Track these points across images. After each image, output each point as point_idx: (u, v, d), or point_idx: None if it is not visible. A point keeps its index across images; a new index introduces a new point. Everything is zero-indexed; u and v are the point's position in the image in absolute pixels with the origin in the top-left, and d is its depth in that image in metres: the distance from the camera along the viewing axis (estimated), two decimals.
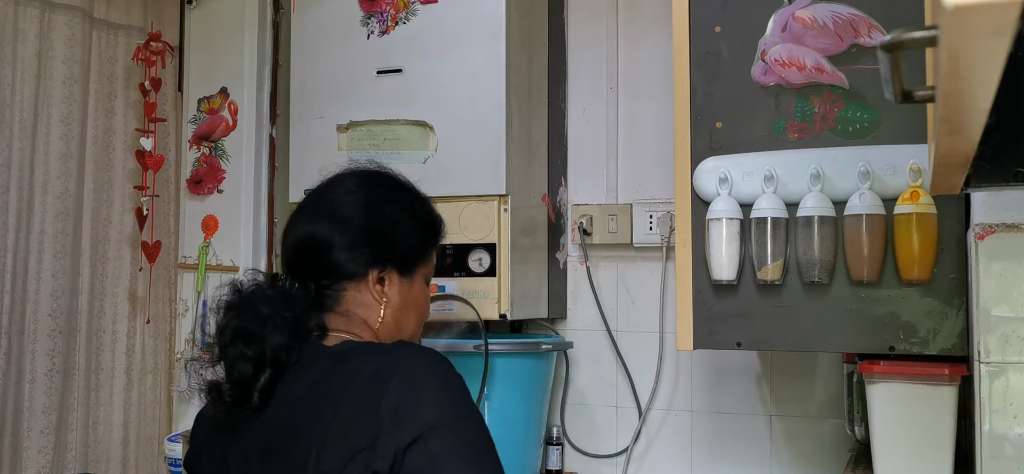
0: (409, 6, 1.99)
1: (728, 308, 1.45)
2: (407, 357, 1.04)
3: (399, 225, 1.24)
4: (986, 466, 1.08)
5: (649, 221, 2.07)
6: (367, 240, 1.20)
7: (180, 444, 2.14)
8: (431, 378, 1.01)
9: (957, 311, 1.32)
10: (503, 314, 1.88)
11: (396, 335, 1.22)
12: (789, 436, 1.94)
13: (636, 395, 2.08)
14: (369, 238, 1.20)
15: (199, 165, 2.36)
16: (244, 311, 1.11)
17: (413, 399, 0.97)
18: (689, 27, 1.50)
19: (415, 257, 1.25)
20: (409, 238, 1.25)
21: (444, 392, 1.00)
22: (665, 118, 1.97)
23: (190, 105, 2.39)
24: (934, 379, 1.31)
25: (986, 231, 1.09)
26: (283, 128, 2.34)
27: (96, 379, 2.22)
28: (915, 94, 0.65)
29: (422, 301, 1.28)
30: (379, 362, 1.02)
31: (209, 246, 2.34)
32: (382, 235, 1.22)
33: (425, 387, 1.00)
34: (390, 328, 1.21)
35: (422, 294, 1.27)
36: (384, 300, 1.20)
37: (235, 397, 1.08)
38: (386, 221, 1.23)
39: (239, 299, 1.14)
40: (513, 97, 1.93)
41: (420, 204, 1.29)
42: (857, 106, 1.40)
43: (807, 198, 1.38)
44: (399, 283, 1.22)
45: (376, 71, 2.01)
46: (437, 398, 0.99)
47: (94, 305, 2.21)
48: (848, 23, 1.40)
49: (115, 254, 2.27)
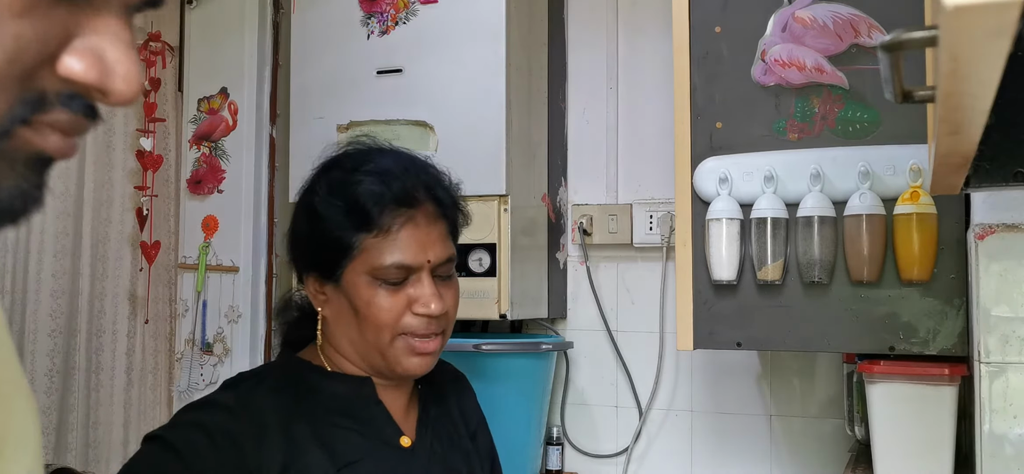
0: (409, 6, 1.99)
1: (728, 308, 1.45)
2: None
3: (298, 218, 1.09)
4: (986, 466, 1.07)
5: (649, 221, 2.07)
6: (289, 243, 1.11)
7: None
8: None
9: (957, 311, 1.32)
10: (503, 314, 1.88)
11: (355, 352, 1.06)
12: (789, 436, 1.94)
13: (636, 395, 2.08)
14: (290, 240, 1.11)
15: (199, 165, 2.36)
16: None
17: None
18: (689, 27, 1.50)
19: (326, 254, 1.04)
20: (310, 232, 1.06)
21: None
22: (665, 118, 1.97)
23: (190, 105, 2.39)
24: (934, 379, 1.31)
25: (986, 231, 1.09)
26: (283, 128, 2.34)
27: (96, 379, 2.22)
28: (915, 94, 0.65)
29: (371, 306, 1.02)
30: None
31: (209, 246, 2.34)
32: (291, 233, 1.10)
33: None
34: (338, 344, 1.06)
35: (362, 297, 1.02)
36: (319, 313, 1.07)
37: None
38: (294, 217, 1.10)
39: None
40: (513, 97, 1.93)
41: (337, 186, 1.05)
42: (857, 106, 1.40)
43: (807, 198, 1.38)
44: (331, 290, 1.05)
45: (376, 71, 2.01)
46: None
47: (94, 305, 2.21)
48: (848, 23, 1.40)
49: (115, 254, 2.27)
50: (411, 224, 1.03)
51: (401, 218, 1.02)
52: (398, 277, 1.02)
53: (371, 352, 1.04)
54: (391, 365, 1.04)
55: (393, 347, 1.03)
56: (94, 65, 0.43)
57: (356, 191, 1.02)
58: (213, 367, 2.32)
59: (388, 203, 1.02)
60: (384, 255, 1.01)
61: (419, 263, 1.02)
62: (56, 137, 0.43)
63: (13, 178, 0.42)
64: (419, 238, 1.03)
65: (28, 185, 0.43)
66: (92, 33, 0.43)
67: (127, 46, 0.44)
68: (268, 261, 2.34)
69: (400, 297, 1.02)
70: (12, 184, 0.42)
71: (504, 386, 1.90)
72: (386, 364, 1.04)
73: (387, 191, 1.02)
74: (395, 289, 1.02)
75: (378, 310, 1.01)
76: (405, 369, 1.04)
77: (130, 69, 0.44)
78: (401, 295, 1.02)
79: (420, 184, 1.06)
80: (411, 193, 1.04)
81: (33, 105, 0.42)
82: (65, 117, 0.43)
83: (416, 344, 1.03)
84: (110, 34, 0.43)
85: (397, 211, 1.02)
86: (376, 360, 1.04)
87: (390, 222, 1.01)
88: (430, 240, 1.04)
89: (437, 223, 1.06)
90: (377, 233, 1.01)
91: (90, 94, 0.44)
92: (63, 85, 0.43)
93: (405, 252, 1.01)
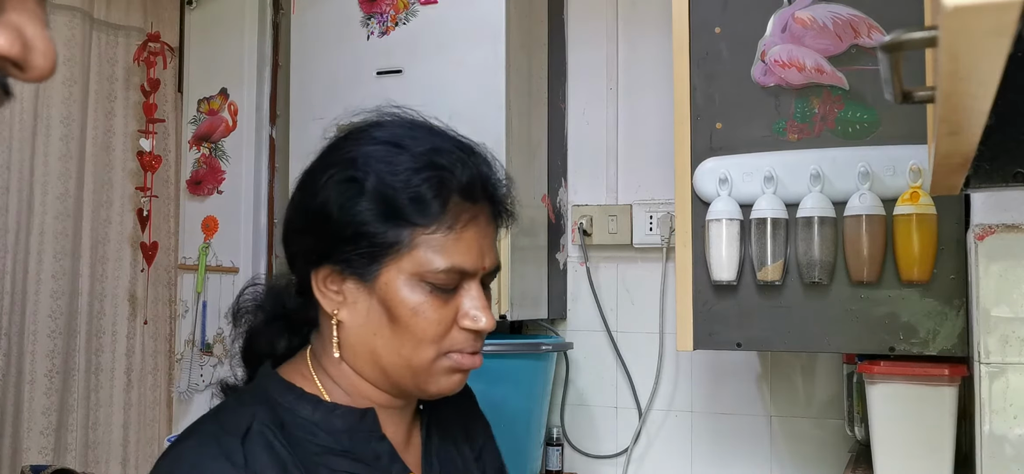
0: (409, 6, 1.99)
1: (728, 309, 1.45)
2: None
3: (314, 193, 0.91)
4: (986, 466, 1.07)
5: (649, 221, 2.07)
6: (295, 225, 0.95)
7: None
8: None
9: (957, 311, 1.32)
10: (503, 314, 1.88)
11: (375, 366, 0.89)
12: (789, 436, 1.94)
13: (636, 396, 2.08)
14: (297, 220, 0.95)
15: (199, 166, 2.36)
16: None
17: None
18: (689, 27, 1.50)
19: (360, 246, 0.86)
20: (340, 216, 0.87)
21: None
22: (665, 118, 1.97)
23: (190, 106, 2.39)
24: (934, 379, 1.31)
25: (986, 231, 1.09)
26: (283, 128, 2.34)
27: (96, 379, 2.22)
28: (915, 95, 0.65)
29: (417, 315, 0.86)
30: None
31: (209, 247, 2.34)
32: (300, 212, 0.95)
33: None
34: (355, 358, 0.89)
35: (405, 304, 0.85)
36: (334, 317, 0.89)
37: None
38: (308, 191, 0.95)
39: None
40: (513, 97, 1.93)
41: (386, 161, 0.87)
42: (857, 107, 1.40)
43: (807, 199, 1.38)
44: (354, 289, 0.88)
45: (376, 71, 2.01)
46: None
47: (94, 306, 2.21)
48: (848, 24, 1.40)
49: (115, 255, 2.27)
50: (474, 224, 0.88)
51: (466, 214, 0.87)
52: (450, 283, 0.86)
53: (400, 368, 0.88)
54: (423, 384, 0.89)
55: (435, 365, 0.87)
56: (16, 41, 0.45)
57: (415, 172, 0.85)
58: (213, 368, 2.32)
59: (454, 193, 0.86)
60: (441, 256, 0.85)
61: (475, 269, 0.88)
62: None
63: None
64: (479, 241, 0.88)
65: None
66: (12, 12, 0.45)
67: (43, 25, 0.46)
68: (268, 262, 2.34)
69: (449, 308, 0.87)
70: None
71: (504, 387, 1.90)
72: (416, 383, 0.89)
73: (453, 179, 0.86)
74: (445, 297, 0.87)
75: (425, 321, 0.85)
76: (439, 390, 0.90)
77: (48, 46, 0.46)
78: (450, 305, 0.87)
79: (486, 178, 0.90)
80: (478, 186, 0.88)
81: None
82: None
83: (461, 361, 0.89)
84: (28, 13, 0.45)
85: (462, 205, 0.87)
86: (404, 378, 0.88)
87: (454, 218, 0.86)
88: (488, 244, 0.90)
89: (492, 225, 0.92)
90: (436, 229, 0.85)
91: (7, 69, 0.46)
92: None
93: (466, 255, 0.86)
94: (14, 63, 0.45)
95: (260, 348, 0.97)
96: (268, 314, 0.98)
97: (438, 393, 0.90)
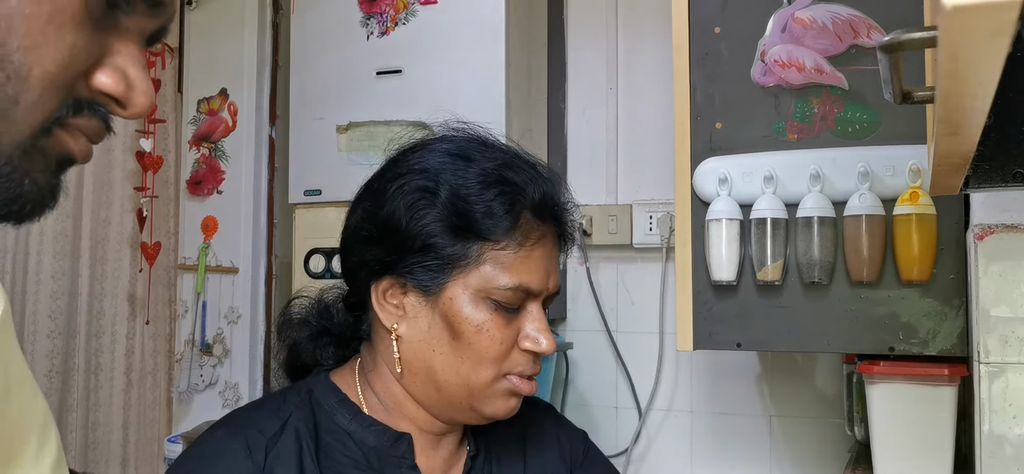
0: (409, 7, 1.99)
1: (728, 309, 1.45)
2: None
3: (382, 202, 0.89)
4: (986, 466, 1.07)
5: (649, 221, 2.07)
6: (359, 234, 0.93)
7: (180, 445, 2.13)
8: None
9: (957, 311, 1.32)
10: None
11: (428, 385, 0.86)
12: (789, 436, 1.94)
13: (636, 396, 2.08)
14: (362, 229, 0.93)
15: (199, 166, 2.36)
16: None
17: None
18: (689, 27, 1.50)
19: (428, 257, 0.84)
20: (409, 226, 0.85)
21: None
22: (665, 118, 1.97)
23: (190, 106, 2.39)
24: (934, 379, 1.31)
25: (986, 231, 1.09)
26: (283, 129, 2.34)
27: (96, 380, 2.22)
28: (914, 95, 0.65)
29: (482, 333, 0.84)
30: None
31: (209, 247, 2.34)
32: (366, 220, 0.93)
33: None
34: (411, 378, 0.87)
35: (470, 321, 0.83)
36: (392, 331, 0.87)
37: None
38: (376, 199, 0.92)
39: None
40: (513, 97, 1.93)
41: (462, 174, 0.85)
42: (857, 107, 1.40)
43: (807, 199, 1.38)
44: (417, 303, 0.86)
45: (376, 72, 2.01)
46: None
47: (94, 306, 2.21)
48: (847, 24, 1.40)
49: (115, 255, 2.27)
50: (542, 243, 0.87)
51: (536, 233, 0.86)
52: (515, 302, 0.84)
53: (456, 387, 0.85)
54: (478, 405, 0.86)
55: (493, 386, 0.85)
56: (121, 81, 0.52)
57: (487, 186, 0.84)
58: (213, 368, 2.32)
59: (525, 210, 0.85)
60: (509, 273, 0.83)
61: (541, 289, 0.86)
62: (83, 140, 0.52)
63: (46, 175, 0.51)
64: (546, 261, 0.87)
65: (56, 181, 0.52)
66: (118, 55, 0.52)
67: (144, 68, 0.53)
68: (268, 262, 2.34)
69: (512, 328, 0.85)
70: (45, 180, 0.50)
71: None
72: (470, 403, 0.86)
73: (525, 196, 0.85)
74: (509, 317, 0.84)
75: (488, 339, 0.83)
76: (494, 411, 0.87)
77: (148, 86, 0.53)
78: (512, 325, 0.85)
79: (556, 198, 0.89)
80: (549, 205, 0.88)
81: (72, 108, 0.50)
82: (93, 123, 0.52)
83: (520, 386, 0.86)
84: (131, 57, 0.52)
85: (533, 223, 0.86)
86: (459, 397, 0.85)
87: (524, 235, 0.85)
88: (553, 265, 0.88)
89: (557, 247, 0.91)
90: (507, 245, 0.84)
91: (111, 106, 0.53)
92: (93, 96, 0.51)
93: (533, 274, 0.85)
94: (117, 101, 0.52)
95: (305, 360, 0.96)
96: (314, 329, 0.97)
97: (492, 416, 0.87)
